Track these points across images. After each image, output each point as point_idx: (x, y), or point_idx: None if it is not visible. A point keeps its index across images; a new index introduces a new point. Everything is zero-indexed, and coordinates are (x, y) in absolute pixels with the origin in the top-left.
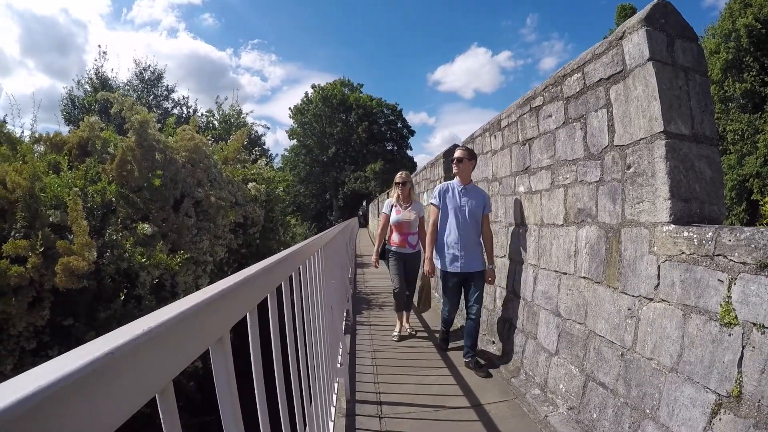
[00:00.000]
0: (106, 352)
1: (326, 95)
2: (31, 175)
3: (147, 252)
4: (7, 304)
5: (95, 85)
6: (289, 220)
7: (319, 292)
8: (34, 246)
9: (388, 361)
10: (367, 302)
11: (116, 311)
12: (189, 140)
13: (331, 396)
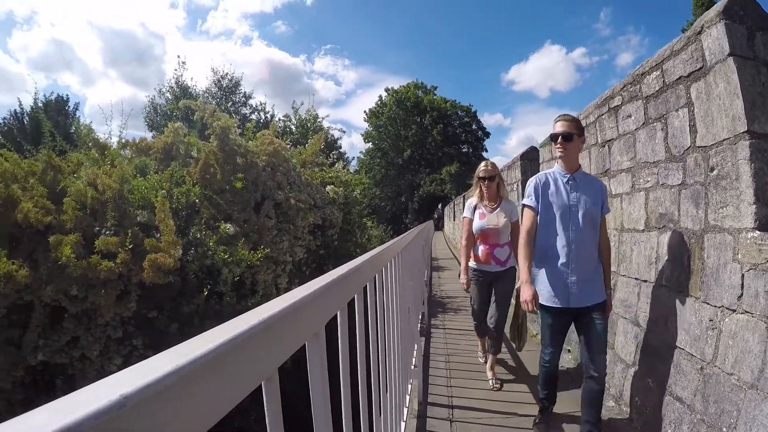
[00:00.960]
0: (231, 337)
1: (400, 98)
2: (120, 177)
3: (229, 250)
4: (97, 295)
5: (176, 93)
6: (366, 223)
7: (397, 294)
8: (124, 243)
9: (461, 366)
10: (442, 306)
11: (199, 306)
12: (268, 144)
13: (404, 396)
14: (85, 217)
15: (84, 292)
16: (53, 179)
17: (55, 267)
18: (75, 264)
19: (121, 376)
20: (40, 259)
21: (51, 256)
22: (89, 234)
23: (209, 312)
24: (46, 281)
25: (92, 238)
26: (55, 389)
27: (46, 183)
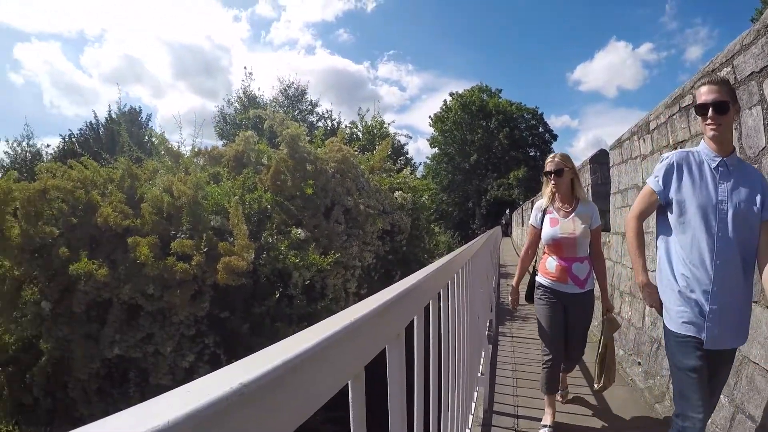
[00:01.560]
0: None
1: (465, 102)
2: (194, 184)
3: (300, 254)
4: (173, 295)
5: (244, 103)
6: (433, 228)
7: (467, 300)
8: (198, 246)
9: (528, 375)
10: (510, 313)
11: (270, 308)
12: (337, 151)
13: (469, 404)
14: (161, 222)
15: (160, 291)
16: (130, 186)
17: (133, 267)
18: (152, 264)
19: (238, 366)
20: (118, 260)
21: (129, 257)
22: (165, 237)
23: (279, 314)
24: (124, 280)
25: (168, 241)
26: (128, 381)
27: (124, 189)
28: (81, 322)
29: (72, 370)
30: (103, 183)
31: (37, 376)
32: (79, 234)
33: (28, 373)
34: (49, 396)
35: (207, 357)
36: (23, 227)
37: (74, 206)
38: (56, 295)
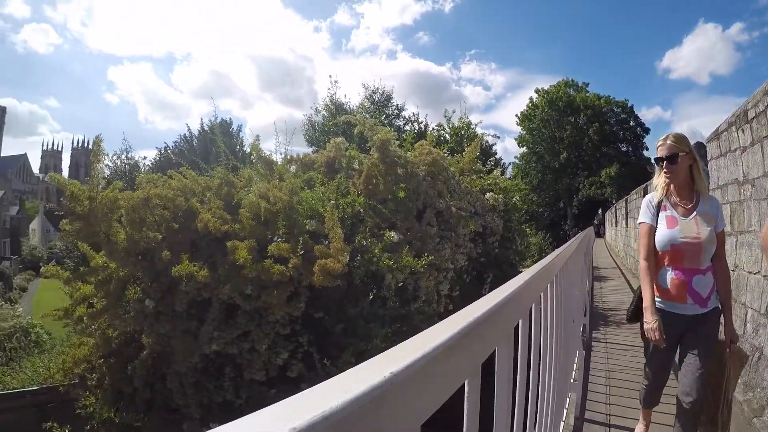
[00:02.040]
0: (456, 332)
1: (551, 98)
2: (289, 190)
3: (394, 257)
4: (270, 295)
5: (331, 110)
6: (524, 230)
7: (563, 304)
8: (295, 249)
9: (622, 383)
10: (604, 318)
11: (363, 309)
12: (427, 154)
13: (561, 410)
14: (258, 226)
15: (257, 292)
16: (227, 193)
17: (232, 269)
18: (250, 266)
19: (386, 356)
20: (218, 262)
21: (228, 260)
22: (262, 241)
23: (373, 315)
24: (224, 281)
25: (265, 245)
26: (224, 376)
27: (221, 196)
28: (181, 320)
29: (171, 364)
30: (202, 191)
31: (138, 367)
32: (180, 238)
33: (129, 365)
34: (148, 386)
35: (300, 355)
36: (128, 233)
37: (175, 213)
38: (159, 295)
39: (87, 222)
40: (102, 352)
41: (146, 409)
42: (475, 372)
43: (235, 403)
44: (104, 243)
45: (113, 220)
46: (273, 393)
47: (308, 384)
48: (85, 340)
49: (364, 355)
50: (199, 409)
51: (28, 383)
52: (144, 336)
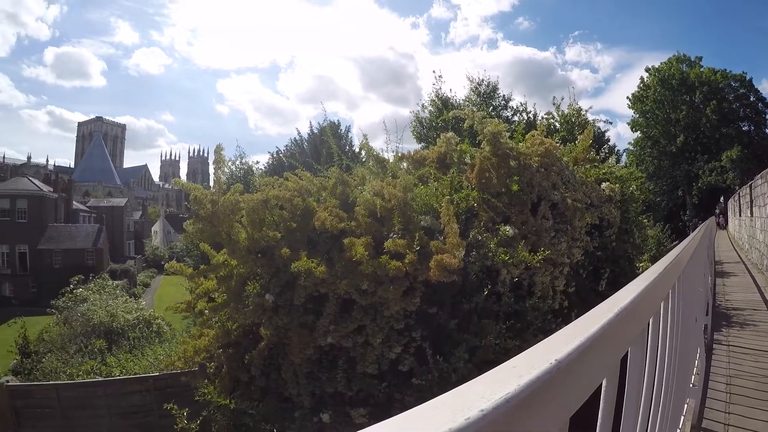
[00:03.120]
0: (605, 322)
1: (663, 77)
2: (403, 187)
3: (509, 252)
4: (386, 291)
5: (437, 105)
6: (642, 221)
7: (686, 301)
8: (411, 245)
9: (744, 390)
10: (727, 318)
11: (477, 304)
12: (539, 145)
13: (678, 417)
14: (373, 223)
15: (373, 287)
16: (342, 192)
17: (348, 265)
18: (367, 262)
19: (545, 345)
20: (335, 258)
21: (345, 256)
22: (378, 237)
23: (487, 311)
24: (341, 277)
25: (381, 241)
26: (337, 368)
27: (336, 195)
28: (299, 313)
29: (287, 355)
30: (317, 191)
31: (256, 357)
32: (298, 236)
33: (247, 355)
34: (263, 376)
35: (413, 350)
36: (249, 232)
37: (293, 212)
38: (278, 289)
39: (210, 223)
40: (221, 342)
41: (260, 397)
42: (614, 371)
43: (346, 394)
44: (226, 242)
45: (234, 220)
46: (384, 386)
47: (419, 379)
48: (206, 332)
49: (476, 352)
50: (310, 398)
51: (149, 369)
52: (262, 328)
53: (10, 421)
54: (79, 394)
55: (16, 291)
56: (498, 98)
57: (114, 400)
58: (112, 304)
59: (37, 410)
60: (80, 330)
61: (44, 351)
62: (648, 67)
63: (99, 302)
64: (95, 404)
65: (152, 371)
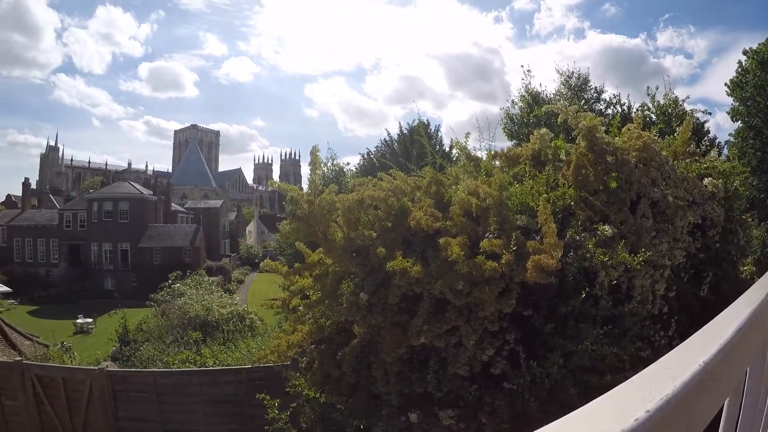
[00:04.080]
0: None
1: (762, 59)
2: (498, 186)
3: (608, 252)
4: (481, 291)
5: (527, 101)
6: (747, 220)
7: None
8: (507, 245)
9: None
10: None
11: (574, 308)
12: (636, 139)
13: None
14: (469, 223)
15: (468, 287)
16: (436, 191)
17: (444, 265)
18: (462, 262)
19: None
20: (430, 258)
21: (440, 256)
22: (473, 237)
23: (584, 314)
24: (436, 276)
25: (476, 241)
26: (427, 368)
27: (431, 194)
28: (392, 312)
29: (378, 353)
30: (411, 190)
31: (348, 354)
32: (393, 236)
33: (339, 352)
34: (354, 372)
35: (506, 353)
36: (345, 232)
37: (388, 212)
38: (372, 288)
39: (306, 223)
40: (314, 338)
41: (349, 393)
42: (737, 391)
43: (435, 395)
44: (322, 241)
45: (330, 220)
46: (474, 389)
47: (511, 383)
48: (299, 328)
49: (571, 357)
50: (398, 397)
51: (241, 361)
52: (356, 326)
53: (108, 403)
54: (175, 382)
55: (118, 285)
56: (589, 91)
57: (208, 388)
58: (207, 299)
59: (133, 394)
60: (177, 322)
61: (142, 340)
62: (745, 49)
63: (195, 297)
64: (190, 392)
65: (244, 363)
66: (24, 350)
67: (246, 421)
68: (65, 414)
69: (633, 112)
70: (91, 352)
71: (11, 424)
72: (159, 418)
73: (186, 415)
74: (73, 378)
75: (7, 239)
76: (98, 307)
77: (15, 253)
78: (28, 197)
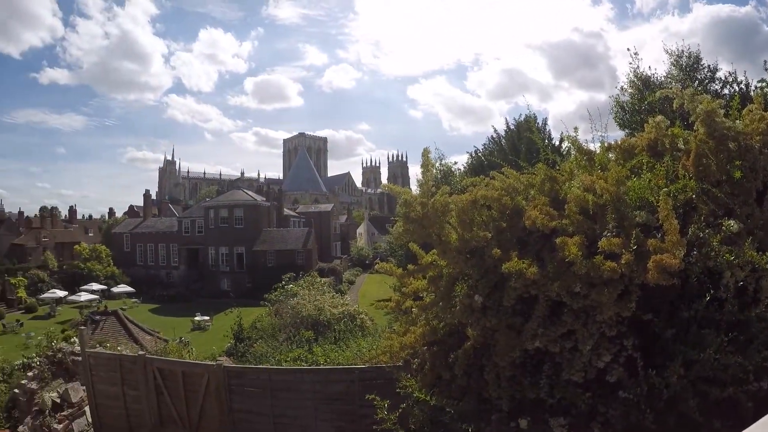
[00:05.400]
0: None
1: None
2: (615, 180)
3: (735, 250)
4: (600, 294)
5: (637, 86)
6: None
7: None
8: (627, 244)
9: None
10: None
11: (697, 312)
12: (759, 121)
13: None
14: (585, 221)
15: (586, 289)
16: (551, 189)
17: (560, 266)
18: (580, 263)
19: None
20: (546, 259)
21: (557, 256)
22: (590, 236)
23: (707, 319)
24: (552, 278)
25: (594, 240)
26: (540, 373)
27: (545, 192)
28: (507, 315)
29: (491, 356)
30: (524, 188)
31: (461, 357)
32: (507, 236)
33: (452, 354)
34: (465, 375)
35: (623, 359)
36: (459, 233)
37: (501, 212)
38: (487, 290)
39: (420, 225)
40: (427, 340)
41: (460, 396)
42: None
43: (547, 402)
44: (436, 243)
45: (444, 222)
46: (588, 397)
47: (627, 392)
48: (412, 329)
49: (693, 366)
50: (509, 402)
51: (351, 360)
52: (469, 329)
53: (224, 396)
54: (288, 378)
55: (233, 285)
56: (702, 70)
57: (320, 386)
58: (319, 299)
59: (248, 389)
60: (289, 321)
61: (256, 338)
62: None
63: (308, 297)
64: (301, 388)
65: (355, 362)
66: (145, 344)
67: (354, 420)
68: (182, 404)
69: (752, 91)
70: (207, 348)
71: (131, 411)
72: (270, 412)
73: (296, 411)
74: (192, 372)
75: (131, 245)
76: (214, 306)
77: (138, 257)
78: (149, 207)
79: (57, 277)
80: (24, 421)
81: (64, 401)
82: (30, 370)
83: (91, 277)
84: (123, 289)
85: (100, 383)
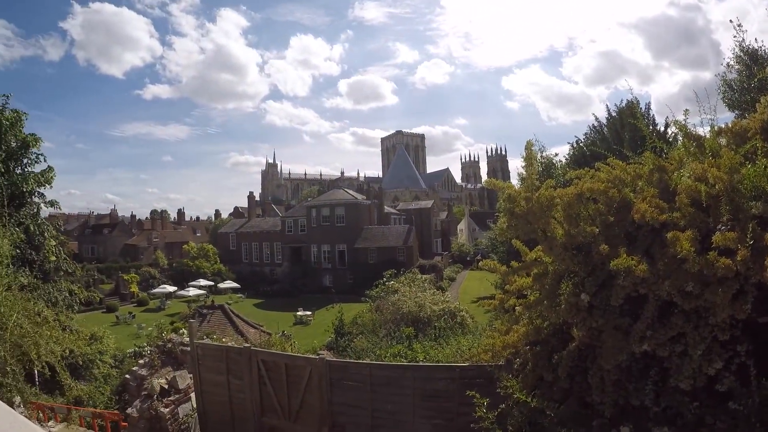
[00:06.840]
0: None
1: None
2: (728, 168)
3: None
4: (713, 293)
5: (745, 62)
6: None
7: None
8: (743, 239)
9: None
10: None
11: None
12: None
13: None
14: (697, 213)
15: (699, 289)
16: (660, 179)
17: (672, 262)
18: (693, 259)
19: None
20: (656, 255)
21: (667, 252)
22: (703, 230)
23: None
24: (663, 276)
25: (706, 234)
26: (646, 379)
27: (653, 183)
28: (614, 315)
29: (596, 359)
30: (632, 180)
31: (565, 358)
32: (615, 231)
33: (556, 355)
34: (568, 377)
35: (734, 367)
36: (565, 228)
37: (609, 205)
38: (593, 288)
39: (525, 220)
40: (530, 339)
41: (561, 399)
42: None
43: (651, 409)
44: (541, 239)
45: (550, 217)
46: (695, 406)
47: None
48: (515, 328)
49: None
50: (612, 408)
51: (451, 357)
52: (574, 329)
53: (325, 388)
54: (389, 374)
55: (335, 282)
56: None
57: (420, 383)
58: (420, 296)
59: (348, 383)
60: (390, 317)
61: (356, 333)
62: None
63: (408, 293)
64: (401, 384)
65: (455, 360)
66: (249, 337)
67: (451, 417)
68: (284, 395)
69: None
70: (309, 341)
71: (235, 399)
72: (369, 406)
73: (394, 406)
74: (295, 364)
75: (236, 244)
76: (316, 302)
77: (243, 255)
78: (253, 208)
79: (167, 274)
80: (133, 404)
81: (172, 387)
82: (141, 358)
83: (198, 273)
84: (229, 285)
85: (206, 372)
